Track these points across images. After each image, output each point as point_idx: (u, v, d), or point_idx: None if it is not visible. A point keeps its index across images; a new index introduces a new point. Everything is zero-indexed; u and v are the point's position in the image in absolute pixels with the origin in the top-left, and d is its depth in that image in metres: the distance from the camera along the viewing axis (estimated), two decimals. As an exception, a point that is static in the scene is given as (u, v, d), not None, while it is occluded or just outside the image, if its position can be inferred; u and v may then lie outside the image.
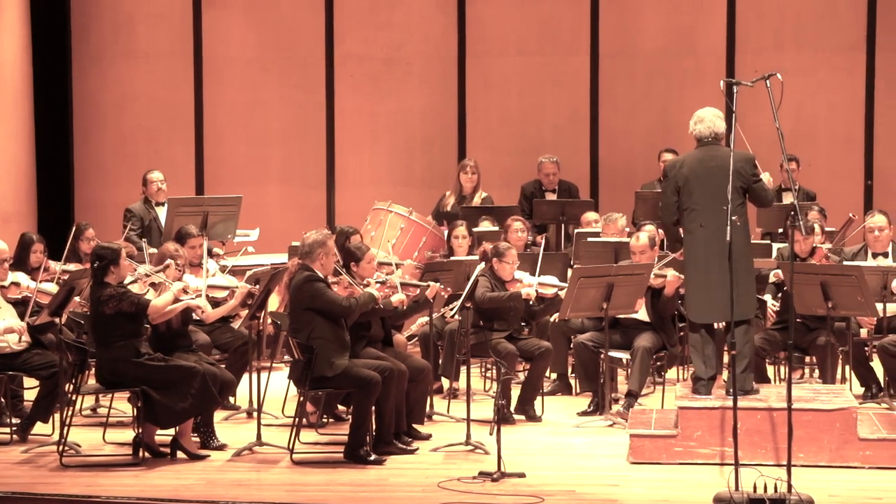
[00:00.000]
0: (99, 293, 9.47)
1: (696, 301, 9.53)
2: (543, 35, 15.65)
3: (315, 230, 10.03)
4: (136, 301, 9.48)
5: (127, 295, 9.47)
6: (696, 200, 9.45)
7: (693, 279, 9.53)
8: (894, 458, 9.21)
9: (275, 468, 9.39)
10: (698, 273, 9.44)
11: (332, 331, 9.56)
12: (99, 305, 9.44)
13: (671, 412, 9.86)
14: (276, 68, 15.90)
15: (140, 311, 9.49)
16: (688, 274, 9.61)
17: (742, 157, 9.43)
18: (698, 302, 9.50)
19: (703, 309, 9.49)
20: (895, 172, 15.29)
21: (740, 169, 9.37)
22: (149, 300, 9.56)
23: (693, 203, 9.47)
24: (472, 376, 10.21)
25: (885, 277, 10.87)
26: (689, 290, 9.62)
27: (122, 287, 9.54)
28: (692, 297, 9.56)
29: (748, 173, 9.43)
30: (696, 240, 9.46)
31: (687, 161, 9.59)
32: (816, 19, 15.34)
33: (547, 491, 8.65)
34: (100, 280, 9.54)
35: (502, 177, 15.20)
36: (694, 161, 9.53)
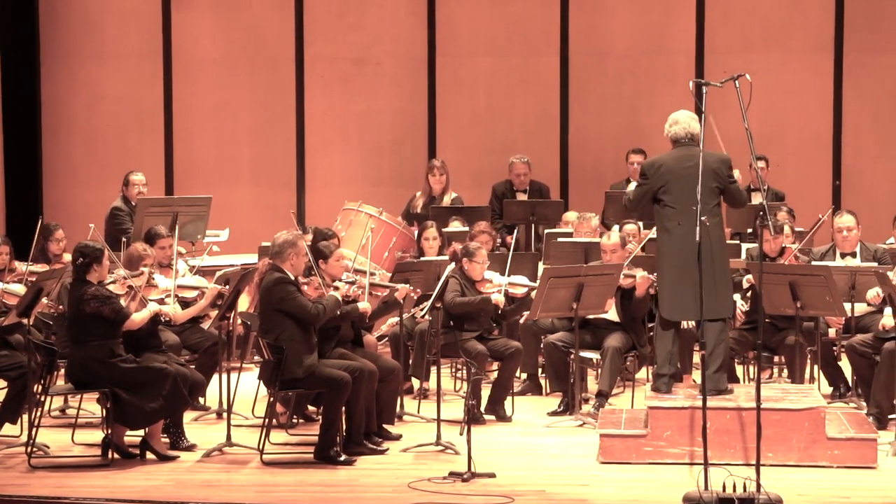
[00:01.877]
0: (81, 291, 9.43)
1: (669, 298, 9.54)
2: (513, 35, 15.67)
3: (286, 230, 10.02)
4: (118, 310, 9.44)
5: (111, 301, 9.43)
6: (674, 200, 9.48)
7: (668, 277, 9.54)
8: (862, 457, 9.25)
9: (244, 469, 9.38)
10: (674, 271, 9.45)
11: (301, 332, 9.54)
12: (79, 303, 9.40)
13: (641, 412, 9.88)
14: (245, 69, 15.87)
15: (119, 321, 9.46)
16: (663, 271, 9.63)
17: (718, 158, 9.48)
18: (673, 299, 9.51)
19: (677, 306, 9.51)
20: (863, 173, 15.36)
21: (717, 170, 9.42)
22: (129, 314, 9.53)
23: (671, 202, 9.50)
24: (442, 376, 10.21)
25: (853, 277, 10.92)
26: (663, 287, 9.63)
27: (106, 290, 9.51)
28: (665, 295, 9.58)
29: (724, 174, 9.48)
30: (673, 238, 9.48)
31: (666, 161, 9.62)
32: (785, 20, 15.41)
33: (517, 491, 8.66)
34: (81, 277, 9.50)
35: (472, 177, 15.21)
36: (672, 161, 9.56)
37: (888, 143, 15.33)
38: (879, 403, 10.27)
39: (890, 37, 15.27)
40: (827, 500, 8.54)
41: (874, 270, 10.68)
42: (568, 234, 12.69)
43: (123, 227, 12.60)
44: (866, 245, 11.59)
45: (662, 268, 9.65)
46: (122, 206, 12.98)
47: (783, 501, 8.12)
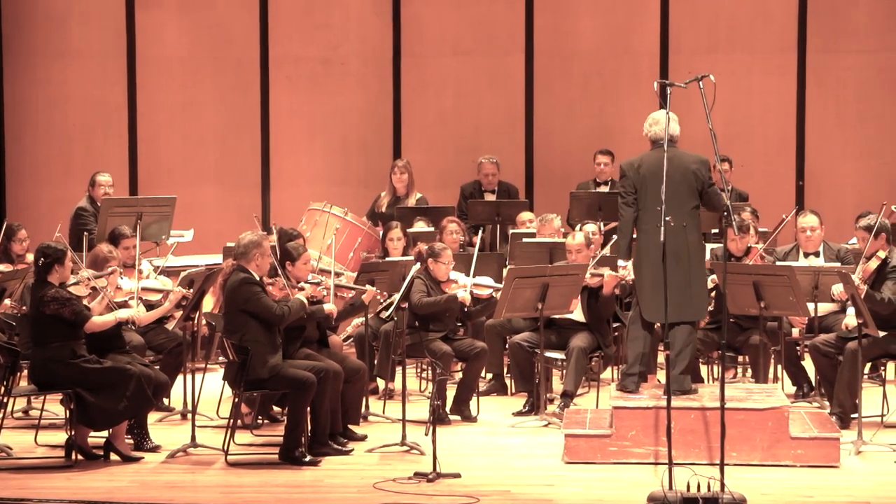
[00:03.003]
0: (42, 292, 9.38)
1: (650, 300, 9.52)
2: (479, 35, 15.68)
3: (251, 231, 10.01)
4: (78, 312, 9.39)
5: (71, 303, 9.38)
6: (652, 200, 9.46)
7: (647, 278, 9.52)
8: (825, 456, 9.30)
9: (209, 470, 9.35)
10: (653, 272, 9.40)
11: (266, 332, 9.53)
12: (40, 304, 9.36)
13: (606, 412, 9.90)
14: (210, 68, 15.83)
15: (79, 323, 9.42)
16: (642, 273, 9.61)
17: (697, 160, 9.48)
18: (653, 300, 9.49)
19: (657, 308, 9.47)
20: (826, 173, 15.44)
21: (696, 171, 9.43)
22: (90, 316, 9.48)
23: (647, 203, 9.49)
24: (407, 377, 10.21)
25: (817, 277, 10.97)
26: (642, 288, 9.61)
27: (67, 291, 9.47)
28: (646, 296, 9.56)
29: (704, 176, 9.48)
30: (651, 240, 9.45)
31: (645, 161, 9.59)
32: (748, 21, 15.47)
33: (482, 491, 8.66)
34: (42, 278, 9.46)
35: (438, 177, 15.21)
36: (652, 162, 9.53)
37: (851, 144, 15.41)
38: (842, 403, 10.33)
39: (852, 38, 15.35)
40: (790, 500, 8.58)
41: (837, 270, 10.73)
42: (531, 235, 12.71)
43: (88, 227, 12.54)
44: (829, 245, 11.65)
45: (642, 269, 9.62)
46: (88, 206, 12.93)
47: (747, 501, 8.15)
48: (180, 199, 13.11)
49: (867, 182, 15.26)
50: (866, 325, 9.78)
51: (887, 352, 10.47)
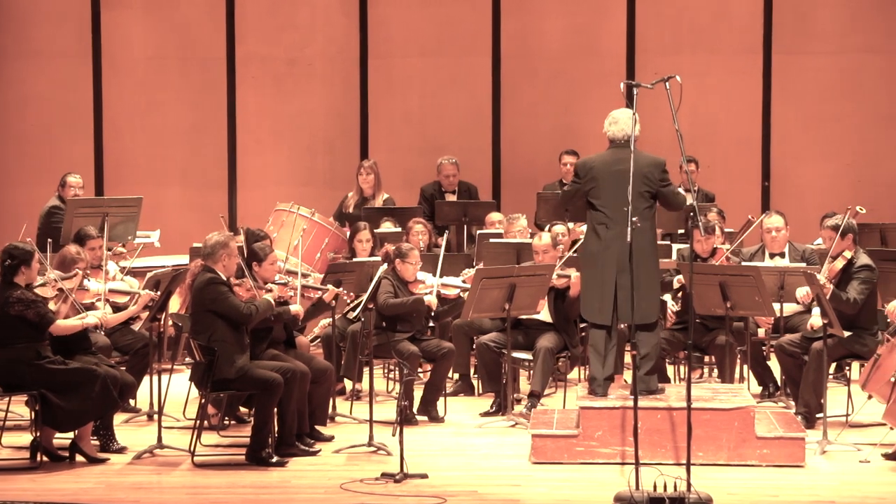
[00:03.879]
0: (7, 293, 9.33)
1: (588, 300, 9.55)
2: (445, 36, 15.68)
3: (217, 231, 9.99)
4: (43, 314, 9.35)
5: (35, 305, 9.34)
6: (603, 201, 9.48)
7: (592, 279, 9.55)
8: (790, 456, 9.34)
9: (176, 471, 9.33)
10: (598, 273, 9.46)
11: (233, 333, 9.51)
12: (5, 306, 9.31)
13: (573, 412, 9.93)
14: (176, 68, 15.78)
15: (43, 326, 9.37)
16: (585, 273, 9.64)
17: (651, 162, 9.48)
18: (590, 301, 9.52)
19: (594, 309, 9.51)
20: (792, 174, 15.50)
21: (648, 173, 9.42)
22: (54, 319, 9.44)
23: (601, 204, 9.51)
24: (374, 377, 10.20)
25: (782, 278, 11.02)
26: (585, 289, 9.65)
27: (33, 293, 9.42)
28: (585, 296, 9.59)
29: (656, 178, 9.48)
30: (601, 240, 9.47)
31: (598, 162, 9.60)
32: (713, 22, 15.52)
33: (449, 491, 8.67)
34: (9, 280, 9.41)
35: (405, 177, 15.20)
36: (605, 162, 9.54)
37: (816, 145, 15.48)
38: (807, 403, 10.38)
39: (817, 39, 15.42)
40: (756, 499, 8.62)
41: (802, 271, 10.78)
42: (498, 235, 12.73)
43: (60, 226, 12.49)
44: (795, 245, 11.70)
45: (586, 269, 9.65)
46: (60, 204, 12.86)
47: (713, 500, 8.18)
48: (146, 199, 13.06)
49: (831, 183, 15.33)
50: (831, 326, 9.83)
51: (852, 352, 10.53)
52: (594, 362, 9.65)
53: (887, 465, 9.41)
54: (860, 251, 10.65)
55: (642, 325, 9.36)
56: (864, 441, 9.89)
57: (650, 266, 9.48)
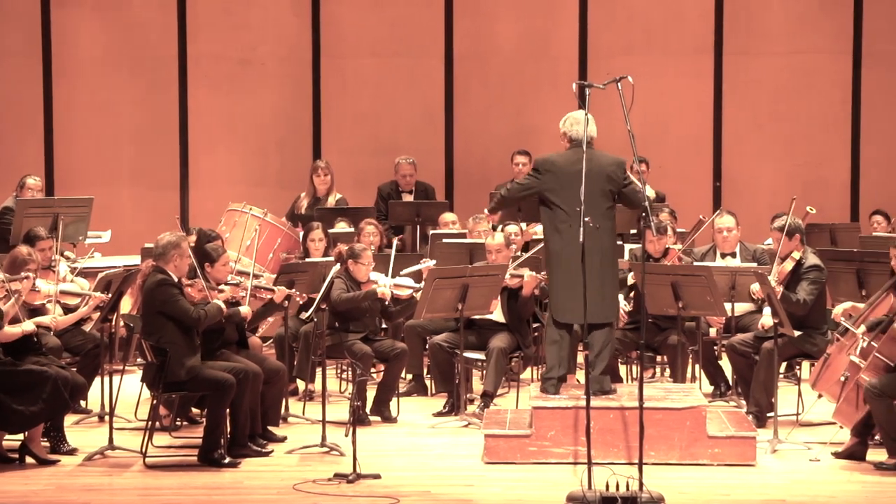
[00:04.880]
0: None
1: (561, 300, 9.56)
2: (398, 37, 15.68)
3: (169, 231, 9.93)
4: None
5: None
6: (564, 201, 9.49)
7: (560, 279, 9.55)
8: (742, 455, 9.39)
9: (127, 472, 9.28)
10: (566, 273, 9.43)
11: (184, 334, 9.47)
12: (-48, 308, 9.26)
13: (525, 412, 9.94)
14: (127, 68, 15.69)
15: None
16: (553, 273, 9.65)
17: (613, 161, 9.52)
18: (564, 301, 9.52)
19: (567, 309, 9.52)
20: (743, 174, 15.58)
21: (612, 173, 9.46)
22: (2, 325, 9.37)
23: (562, 203, 9.51)
24: (327, 378, 10.18)
25: (733, 278, 11.07)
26: (553, 289, 9.65)
27: (-21, 298, 9.37)
28: (557, 297, 9.60)
29: (619, 178, 9.52)
30: (564, 239, 9.47)
31: (559, 161, 9.61)
32: (665, 23, 15.58)
33: (402, 492, 8.67)
34: (-42, 282, 9.35)
35: (357, 178, 15.18)
36: (566, 162, 9.55)
37: (767, 145, 15.57)
38: (758, 402, 10.44)
39: (767, 39, 15.51)
40: (708, 498, 8.65)
41: (754, 271, 10.85)
42: (451, 235, 12.73)
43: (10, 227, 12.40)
44: (746, 245, 11.77)
45: (553, 270, 9.66)
46: (12, 205, 12.76)
47: (665, 500, 8.21)
48: (97, 199, 12.99)
49: (782, 183, 15.42)
50: (782, 325, 9.89)
51: (802, 351, 10.61)
52: (551, 360, 9.67)
53: (837, 463, 9.47)
54: (809, 251, 10.72)
55: (597, 325, 9.39)
56: (815, 440, 9.96)
57: (614, 266, 9.53)
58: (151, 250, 9.90)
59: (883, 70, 15.44)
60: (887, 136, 15.48)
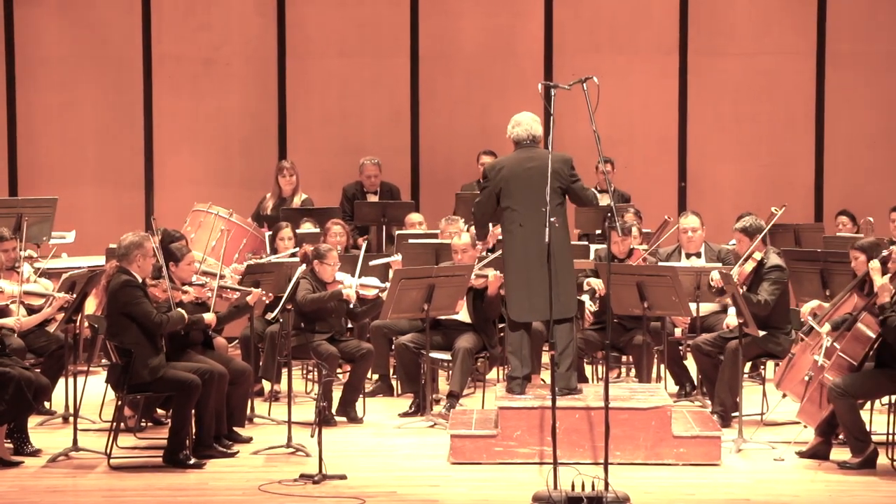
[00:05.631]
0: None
1: (516, 300, 9.62)
2: (363, 37, 15.66)
3: (133, 232, 9.89)
4: None
5: None
6: (515, 201, 9.55)
7: (513, 278, 9.62)
8: (706, 454, 9.42)
9: (91, 474, 9.25)
10: (518, 272, 9.54)
11: (147, 335, 9.44)
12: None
13: (491, 412, 9.95)
14: (91, 68, 15.62)
15: None
16: (507, 273, 9.70)
17: (559, 159, 9.56)
18: (518, 301, 9.60)
19: (523, 308, 9.59)
20: (708, 175, 15.63)
21: (558, 170, 9.49)
22: None
23: (513, 204, 9.57)
24: (293, 378, 10.17)
25: (699, 278, 11.11)
26: (508, 289, 9.71)
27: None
28: (512, 297, 9.65)
29: (566, 174, 9.57)
30: (515, 239, 9.56)
31: (506, 163, 9.70)
32: (631, 23, 15.62)
33: (368, 492, 8.66)
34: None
35: (323, 178, 15.16)
36: (513, 163, 9.64)
37: (731, 145, 15.62)
38: (723, 402, 10.48)
39: (731, 40, 15.57)
40: (673, 498, 8.68)
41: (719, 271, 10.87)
42: (417, 236, 12.73)
43: None
44: (711, 246, 11.81)
45: (507, 270, 9.71)
46: None
47: (630, 500, 8.23)
48: (61, 200, 12.94)
49: (747, 183, 15.49)
50: (747, 325, 9.93)
51: (767, 351, 10.65)
52: (514, 360, 9.69)
53: (801, 463, 9.51)
54: (770, 251, 10.77)
55: (560, 321, 9.41)
56: (779, 439, 10.00)
57: (566, 260, 9.56)
58: (115, 251, 9.85)
59: (846, 71, 15.52)
60: (851, 136, 15.56)
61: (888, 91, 15.51)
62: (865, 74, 15.50)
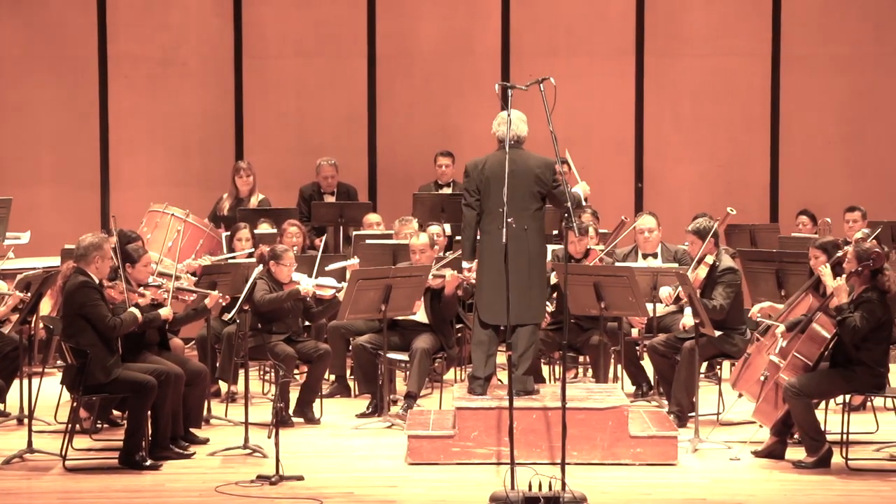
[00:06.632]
0: None
1: (489, 302, 9.58)
2: (321, 37, 15.64)
3: (92, 233, 9.85)
4: None
5: None
6: (494, 202, 9.50)
7: (487, 279, 9.58)
8: (663, 454, 9.46)
9: (46, 476, 9.20)
10: (493, 274, 9.46)
11: (103, 337, 9.39)
12: None
13: (449, 413, 9.96)
14: (46, 67, 15.53)
15: None
16: (482, 274, 9.67)
17: (542, 163, 9.55)
18: (491, 303, 9.54)
19: (495, 310, 9.53)
20: (665, 175, 15.69)
21: (540, 174, 9.49)
22: None
23: (491, 204, 9.53)
24: (250, 379, 10.15)
25: (655, 278, 11.15)
26: (481, 290, 9.67)
27: None
28: (485, 298, 9.61)
29: (548, 179, 9.55)
30: (493, 241, 9.48)
31: (489, 162, 9.64)
32: (588, 25, 15.66)
33: (325, 493, 8.66)
34: None
35: (280, 178, 15.13)
36: (495, 163, 9.58)
37: (688, 147, 15.69)
38: (679, 402, 10.52)
39: (687, 42, 15.63)
40: (630, 498, 8.71)
41: (675, 271, 10.92)
42: (374, 236, 12.72)
43: None
44: (667, 246, 11.85)
45: (482, 271, 9.68)
46: None
47: (588, 500, 8.25)
48: (16, 200, 12.87)
49: (703, 184, 15.55)
50: (703, 326, 9.97)
51: (722, 351, 10.70)
52: (477, 361, 9.68)
53: (757, 462, 9.57)
54: (722, 253, 10.83)
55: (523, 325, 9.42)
56: (735, 439, 10.05)
57: (542, 267, 9.58)
58: (72, 251, 9.81)
59: (800, 73, 15.61)
60: (806, 137, 15.65)
61: (842, 93, 15.62)
62: (820, 77, 15.60)
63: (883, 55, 15.61)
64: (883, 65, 15.61)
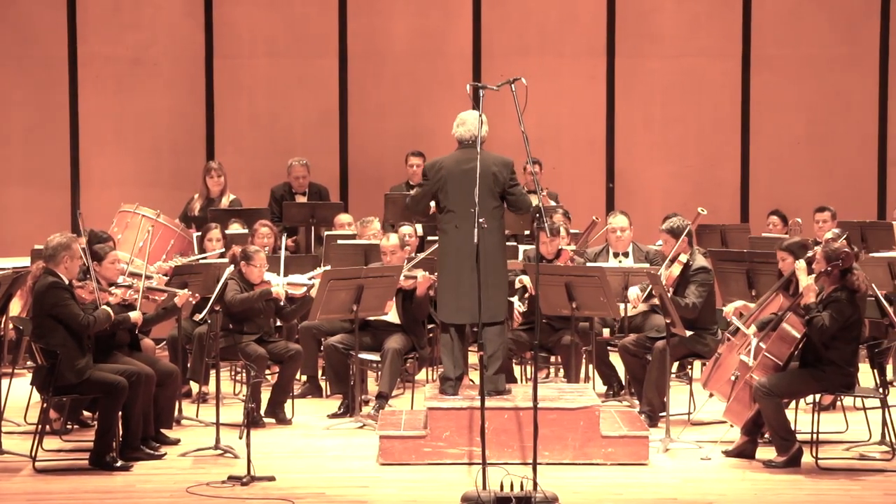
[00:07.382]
0: None
1: (446, 301, 9.63)
2: (292, 37, 15.62)
3: (60, 233, 9.81)
4: None
5: None
6: (452, 201, 9.53)
7: (444, 279, 9.62)
8: (634, 454, 9.48)
9: (16, 477, 9.16)
10: (450, 274, 9.54)
11: (74, 337, 9.36)
12: None
13: (420, 413, 9.96)
14: (15, 67, 15.46)
15: None
16: (440, 274, 9.71)
17: (500, 162, 9.56)
18: (448, 302, 9.60)
19: (452, 309, 9.59)
20: (635, 175, 15.73)
21: (497, 173, 9.50)
22: None
23: (450, 204, 9.56)
24: (221, 380, 10.13)
25: (626, 278, 11.17)
26: (439, 290, 9.72)
27: None
28: (443, 298, 9.66)
29: (505, 178, 9.56)
30: (450, 240, 9.55)
31: (446, 162, 9.66)
32: (559, 25, 15.68)
33: (297, 494, 8.65)
34: None
35: (252, 179, 15.11)
36: (452, 163, 9.61)
37: (658, 146, 15.73)
38: (651, 401, 10.55)
39: (658, 43, 15.67)
40: (601, 497, 8.72)
41: (647, 271, 10.95)
42: (345, 237, 12.71)
43: None
44: (639, 246, 11.87)
45: (440, 270, 9.73)
46: None
47: (559, 499, 8.27)
48: (-15, 201, 12.82)
49: (674, 184, 15.60)
50: (674, 325, 9.99)
51: (693, 351, 10.73)
52: (447, 362, 9.70)
53: (728, 462, 9.59)
54: (696, 253, 10.86)
55: (489, 325, 9.44)
56: (706, 439, 10.08)
57: (498, 264, 9.56)
58: (41, 252, 9.77)
59: (770, 73, 15.67)
60: (776, 138, 15.71)
61: (812, 93, 15.68)
62: (790, 77, 15.67)
63: (852, 56, 15.68)
64: (853, 65, 15.69)
